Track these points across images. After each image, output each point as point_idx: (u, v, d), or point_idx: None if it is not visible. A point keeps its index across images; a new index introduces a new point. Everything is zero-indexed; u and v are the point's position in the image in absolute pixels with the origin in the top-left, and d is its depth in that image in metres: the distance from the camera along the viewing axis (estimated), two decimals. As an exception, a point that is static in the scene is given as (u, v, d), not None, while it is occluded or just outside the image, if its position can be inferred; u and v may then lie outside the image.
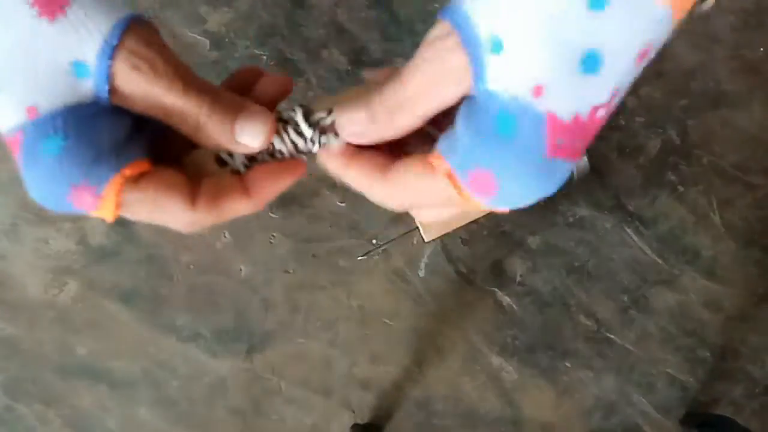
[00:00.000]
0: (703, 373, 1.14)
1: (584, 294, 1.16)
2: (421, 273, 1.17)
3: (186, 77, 0.23)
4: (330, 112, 0.26)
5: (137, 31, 0.22)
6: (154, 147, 0.26)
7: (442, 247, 1.18)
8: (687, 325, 1.15)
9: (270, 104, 0.26)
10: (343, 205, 1.19)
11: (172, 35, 1.26)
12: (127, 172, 0.23)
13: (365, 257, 0.29)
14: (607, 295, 1.16)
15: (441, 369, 1.15)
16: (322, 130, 0.26)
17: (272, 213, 1.19)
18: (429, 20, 1.21)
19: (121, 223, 1.19)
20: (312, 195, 1.19)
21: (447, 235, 1.01)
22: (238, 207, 0.25)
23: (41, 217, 1.19)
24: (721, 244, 1.17)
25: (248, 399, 1.17)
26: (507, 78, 0.20)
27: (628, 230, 1.18)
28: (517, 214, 1.19)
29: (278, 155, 0.27)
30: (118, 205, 0.23)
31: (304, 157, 0.27)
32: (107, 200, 0.23)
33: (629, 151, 1.22)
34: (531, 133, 0.21)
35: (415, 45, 0.22)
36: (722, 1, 1.26)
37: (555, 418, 1.16)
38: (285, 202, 1.19)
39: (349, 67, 1.26)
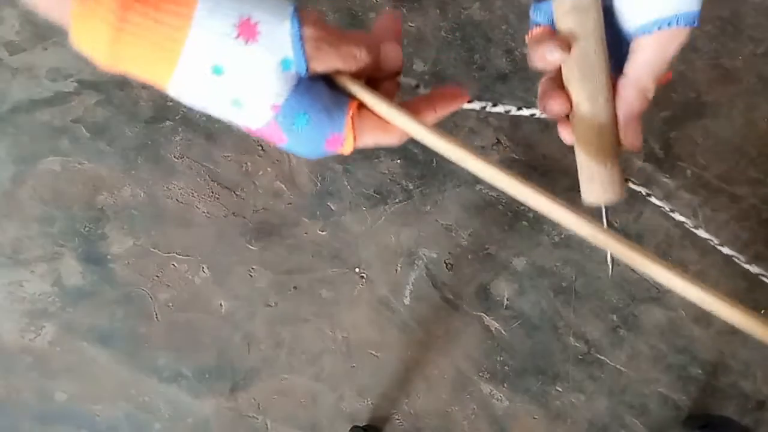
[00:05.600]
0: (696, 391, 1.12)
1: (573, 315, 1.14)
2: (407, 300, 1.15)
3: (345, 36, 0.31)
4: None
5: (305, 19, 0.30)
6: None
7: (427, 272, 1.16)
8: (677, 342, 1.14)
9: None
10: (324, 233, 1.17)
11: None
12: (350, 112, 0.31)
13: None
14: (596, 315, 1.14)
15: (430, 399, 1.13)
16: None
17: (251, 245, 1.16)
18: (404, 40, 1.19)
19: (96, 262, 1.16)
20: (291, 225, 1.17)
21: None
22: (430, 119, 0.34)
23: (15, 259, 1.16)
24: (708, 258, 1.16)
25: (235, 437, 1.14)
26: None
27: (615, 247, 1.16)
28: (503, 235, 1.17)
29: None
30: (355, 138, 0.32)
31: None
32: (348, 137, 0.32)
33: (612, 166, 1.20)
34: None
35: None
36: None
37: (548, 442, 1.14)
38: (264, 232, 1.16)
39: (325, 92, 1.23)
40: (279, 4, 0.30)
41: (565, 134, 0.37)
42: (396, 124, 0.32)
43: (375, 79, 0.34)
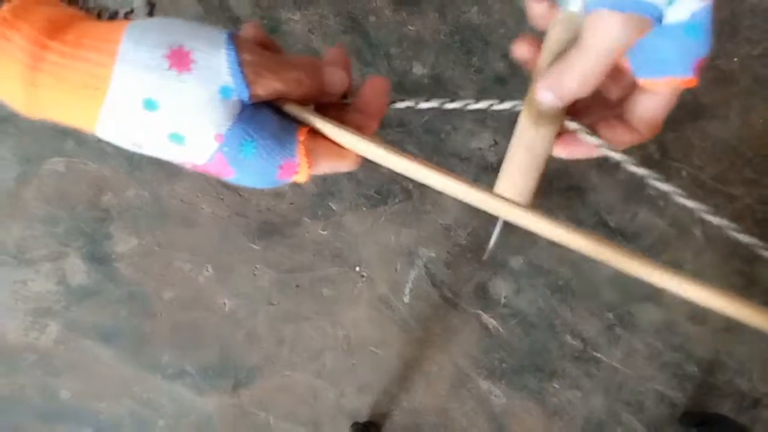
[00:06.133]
0: (692, 389, 1.14)
1: (569, 313, 1.16)
2: (406, 299, 1.17)
3: (286, 61, 0.30)
4: None
5: (241, 45, 0.28)
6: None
7: (426, 271, 1.18)
8: (673, 340, 1.15)
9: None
10: (325, 233, 1.18)
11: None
12: (301, 137, 0.30)
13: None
14: (592, 313, 1.16)
15: (429, 395, 1.15)
16: None
17: (254, 244, 1.18)
18: (404, 43, 1.21)
19: (100, 262, 1.17)
20: (293, 224, 1.18)
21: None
22: (374, 126, 0.34)
23: (20, 259, 1.17)
24: (703, 257, 1.17)
25: (237, 434, 1.16)
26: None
27: (611, 247, 1.18)
28: (500, 234, 1.18)
29: None
30: (309, 164, 0.30)
31: None
32: (301, 163, 0.30)
33: (608, 167, 1.22)
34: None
35: (391, 68, 0.24)
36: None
37: (546, 439, 1.16)
38: (266, 232, 1.18)
39: (326, 94, 1.25)
40: (211, 31, 0.28)
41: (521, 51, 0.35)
42: (347, 146, 0.31)
43: (322, 104, 0.33)
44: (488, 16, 1.22)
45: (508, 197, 0.33)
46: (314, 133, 0.31)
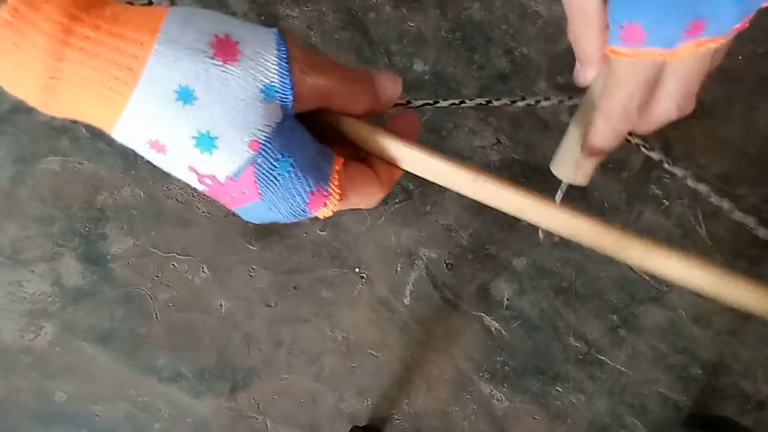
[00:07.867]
0: (696, 391, 1.12)
1: (573, 315, 1.14)
2: (407, 300, 1.15)
3: (336, 60, 0.27)
4: None
5: (290, 41, 0.26)
6: None
7: (427, 272, 1.16)
8: (677, 342, 1.14)
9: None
10: (324, 233, 1.17)
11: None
12: (337, 165, 0.27)
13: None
14: (596, 315, 1.14)
15: (430, 399, 1.13)
16: None
17: (251, 245, 1.16)
18: (404, 40, 1.19)
19: (95, 262, 1.16)
20: (291, 225, 1.17)
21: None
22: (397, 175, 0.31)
23: (15, 259, 1.16)
24: (708, 258, 1.15)
25: (234, 437, 1.14)
26: None
27: (615, 247, 1.16)
28: (503, 235, 1.17)
29: None
30: (340, 197, 0.27)
31: None
32: (333, 195, 0.27)
33: (612, 166, 1.20)
34: None
35: (391, 65, 0.24)
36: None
37: (548, 442, 1.14)
38: (264, 233, 1.16)
39: (325, 92, 1.23)
40: (259, 27, 0.26)
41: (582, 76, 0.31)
42: (408, 162, 0.29)
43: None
44: (490, 12, 1.20)
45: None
46: (347, 163, 0.28)
